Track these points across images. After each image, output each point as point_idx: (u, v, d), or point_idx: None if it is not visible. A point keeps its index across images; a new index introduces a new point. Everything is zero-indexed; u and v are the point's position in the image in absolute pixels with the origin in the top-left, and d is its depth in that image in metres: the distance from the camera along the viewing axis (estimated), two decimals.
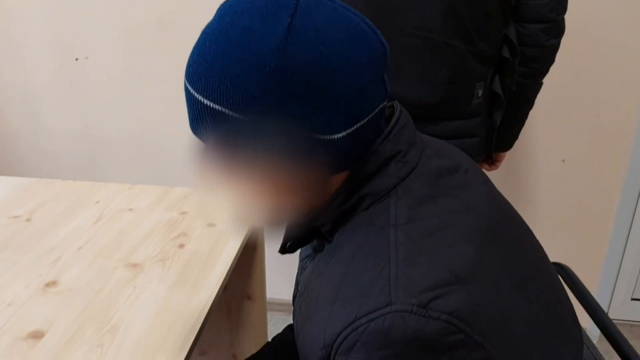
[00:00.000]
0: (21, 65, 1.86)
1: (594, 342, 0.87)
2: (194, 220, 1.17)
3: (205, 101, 0.57)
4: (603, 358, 0.83)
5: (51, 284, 0.96)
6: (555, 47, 1.26)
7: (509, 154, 1.57)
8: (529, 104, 1.37)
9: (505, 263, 0.59)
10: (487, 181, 0.69)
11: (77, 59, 1.82)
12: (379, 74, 0.60)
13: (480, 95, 1.23)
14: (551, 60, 1.28)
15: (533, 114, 1.43)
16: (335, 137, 0.57)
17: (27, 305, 0.91)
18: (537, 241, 0.71)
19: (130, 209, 1.21)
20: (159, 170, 1.91)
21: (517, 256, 0.62)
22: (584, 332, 0.89)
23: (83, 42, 1.79)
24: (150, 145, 1.90)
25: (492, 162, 1.49)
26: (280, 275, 2.07)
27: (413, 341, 0.52)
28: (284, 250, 0.74)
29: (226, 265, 1.03)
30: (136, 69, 1.81)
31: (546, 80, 1.33)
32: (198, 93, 0.57)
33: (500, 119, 1.32)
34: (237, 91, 0.55)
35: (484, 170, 1.53)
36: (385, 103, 0.63)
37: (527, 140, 1.78)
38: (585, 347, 0.86)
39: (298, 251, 0.80)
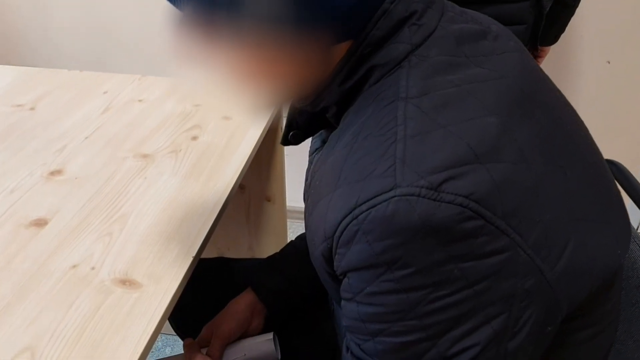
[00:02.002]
0: None
1: None
2: (208, 113, 1.09)
3: None
4: None
5: (56, 172, 0.90)
6: None
7: (550, 55, 1.43)
8: None
9: (538, 136, 0.49)
10: (522, 49, 0.57)
11: None
12: None
13: None
14: None
15: (578, 11, 1.29)
16: None
17: (31, 193, 0.85)
18: (580, 119, 0.60)
19: (140, 100, 1.13)
20: (169, 64, 1.80)
21: (555, 130, 0.52)
22: (632, 228, 0.81)
23: None
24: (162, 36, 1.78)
25: (535, 57, 1.36)
26: (302, 181, 2.00)
27: (421, 228, 0.43)
28: (286, 141, 0.65)
29: (243, 157, 0.95)
30: None
31: None
32: None
33: (550, 5, 1.18)
34: None
35: None
36: None
37: (570, 40, 1.63)
38: (633, 241, 0.78)
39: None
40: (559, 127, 0.52)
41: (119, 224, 0.79)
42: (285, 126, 0.65)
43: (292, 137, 0.65)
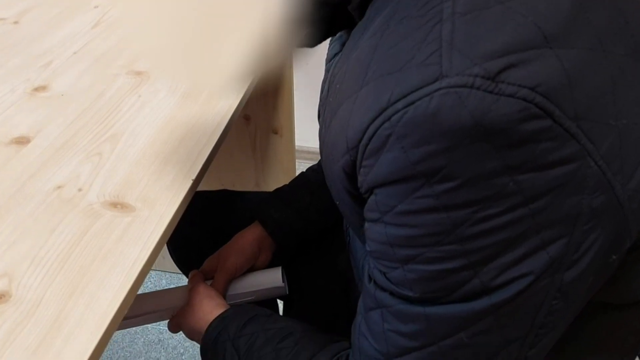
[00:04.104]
0: None
1: None
2: None
3: None
4: None
5: (40, 88, 0.81)
6: None
7: None
8: None
9: (617, 21, 0.40)
10: None
11: None
12: None
13: None
14: None
15: None
16: None
17: (12, 110, 0.76)
18: None
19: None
20: None
21: (633, 16, 0.42)
22: None
23: None
24: None
25: None
26: (312, 120, 1.90)
27: (472, 130, 0.34)
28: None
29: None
30: None
31: None
32: None
33: None
34: None
35: None
36: None
37: None
38: None
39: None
40: (636, 12, 0.43)
41: (110, 143, 0.70)
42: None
43: (306, 37, 0.55)
